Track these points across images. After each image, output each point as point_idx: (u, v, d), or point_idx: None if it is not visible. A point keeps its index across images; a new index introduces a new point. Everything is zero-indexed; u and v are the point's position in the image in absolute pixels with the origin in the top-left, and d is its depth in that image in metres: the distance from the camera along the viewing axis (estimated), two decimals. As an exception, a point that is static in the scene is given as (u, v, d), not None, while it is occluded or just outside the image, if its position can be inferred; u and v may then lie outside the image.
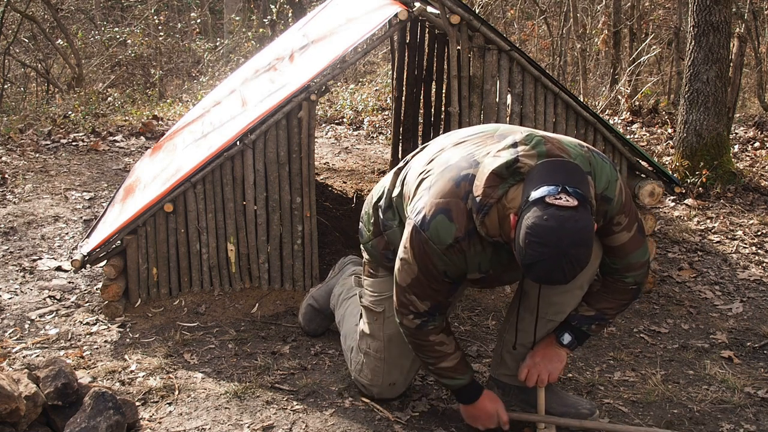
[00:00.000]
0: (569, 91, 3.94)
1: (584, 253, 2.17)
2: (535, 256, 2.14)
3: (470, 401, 2.70)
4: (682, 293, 4.06)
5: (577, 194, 2.16)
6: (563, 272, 2.15)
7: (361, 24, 3.90)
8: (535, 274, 2.19)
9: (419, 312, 2.52)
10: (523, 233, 2.16)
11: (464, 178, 2.35)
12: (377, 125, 7.65)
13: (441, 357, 2.61)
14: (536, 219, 2.13)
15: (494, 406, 2.70)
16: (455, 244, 2.35)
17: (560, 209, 2.13)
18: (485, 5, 8.69)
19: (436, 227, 2.35)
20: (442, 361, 2.61)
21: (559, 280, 2.18)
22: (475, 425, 2.75)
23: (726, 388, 3.15)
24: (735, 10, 6.98)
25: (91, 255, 3.60)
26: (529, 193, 2.19)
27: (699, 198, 5.37)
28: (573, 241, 2.13)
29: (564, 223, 2.12)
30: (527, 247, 2.15)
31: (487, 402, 2.70)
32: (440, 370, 2.64)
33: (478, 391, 2.69)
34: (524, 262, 2.18)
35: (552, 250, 2.12)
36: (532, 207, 2.16)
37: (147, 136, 6.95)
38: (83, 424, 2.50)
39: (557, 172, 2.21)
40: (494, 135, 2.47)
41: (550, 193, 2.15)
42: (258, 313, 3.71)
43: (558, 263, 2.13)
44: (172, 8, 13.07)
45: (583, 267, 2.19)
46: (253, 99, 4.11)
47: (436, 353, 2.60)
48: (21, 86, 10.40)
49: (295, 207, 3.79)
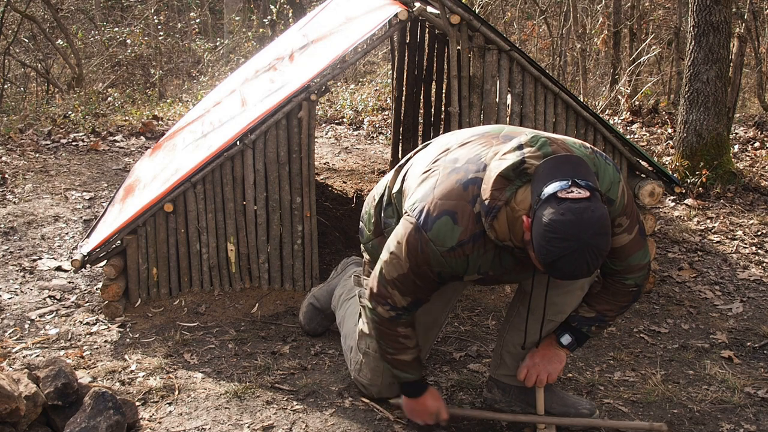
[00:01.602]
0: (569, 91, 3.94)
1: (605, 242, 2.17)
2: (558, 252, 2.12)
3: (415, 396, 2.72)
4: (682, 293, 4.06)
5: (587, 186, 2.16)
6: (587, 264, 2.14)
7: (361, 24, 3.90)
8: (559, 271, 2.17)
9: (396, 306, 2.53)
10: (542, 232, 2.14)
11: (472, 182, 2.34)
12: (377, 125, 7.65)
13: (401, 349, 2.63)
14: (553, 215, 2.12)
15: (435, 404, 2.73)
16: (458, 247, 2.34)
17: (575, 202, 2.12)
18: (485, 5, 8.69)
19: (439, 228, 2.34)
20: (401, 353, 2.63)
21: (583, 273, 2.16)
22: (413, 419, 2.78)
23: (726, 388, 3.15)
24: (735, 10, 6.98)
25: (91, 255, 3.60)
26: (539, 191, 2.18)
27: (699, 198, 5.37)
28: (594, 232, 2.12)
29: (582, 214, 2.11)
30: (548, 244, 2.13)
31: (429, 399, 2.72)
32: (396, 362, 2.66)
33: (424, 387, 2.72)
34: (547, 260, 2.16)
35: (574, 243, 2.11)
36: (545, 205, 2.15)
37: (147, 136, 6.95)
38: (83, 424, 2.50)
39: (564, 167, 2.20)
40: (499, 136, 2.47)
41: (562, 187, 2.15)
42: (258, 313, 3.71)
43: (582, 256, 2.12)
44: (172, 8, 13.07)
45: (604, 256, 2.18)
46: (253, 99, 4.11)
47: (398, 345, 2.62)
48: (21, 86, 10.40)
49: (295, 207, 3.79)
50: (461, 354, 3.38)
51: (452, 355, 3.37)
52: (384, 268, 2.51)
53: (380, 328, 2.61)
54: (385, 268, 2.51)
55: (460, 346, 3.46)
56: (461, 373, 3.22)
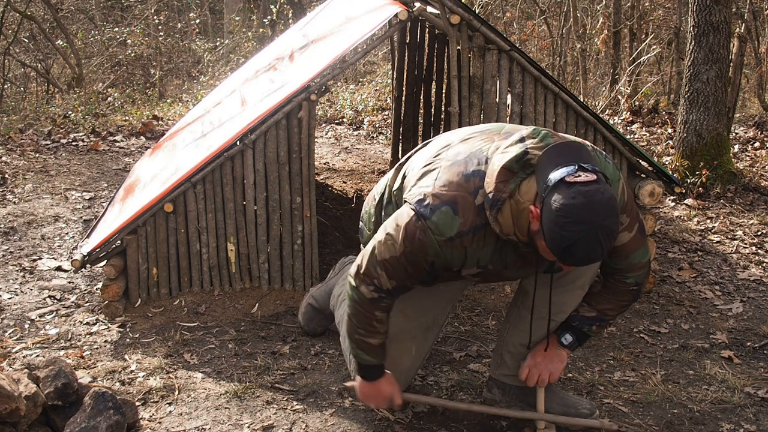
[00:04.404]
0: (569, 91, 3.94)
1: (616, 223, 2.17)
2: (572, 236, 2.11)
3: (371, 379, 2.71)
4: (682, 293, 4.06)
5: (593, 169, 2.17)
6: (601, 246, 2.14)
7: (361, 24, 3.90)
8: (573, 256, 2.15)
9: (381, 287, 2.50)
10: (553, 218, 2.13)
11: (474, 174, 2.34)
12: (377, 125, 7.65)
13: (372, 333, 2.59)
14: (564, 200, 2.11)
15: (390, 389, 2.72)
16: (456, 238, 2.34)
17: (584, 185, 2.12)
18: (485, 5, 8.68)
19: (440, 218, 2.33)
20: (371, 336, 2.60)
21: (597, 256, 2.16)
22: (367, 402, 2.79)
23: (726, 388, 3.15)
24: (735, 10, 6.98)
25: (91, 255, 3.60)
26: (545, 179, 2.17)
27: (699, 198, 5.37)
28: (605, 213, 2.12)
29: (592, 197, 2.11)
30: (562, 229, 2.12)
31: (384, 384, 2.71)
32: (363, 344, 2.62)
33: (382, 372, 2.71)
34: (561, 246, 2.14)
35: (588, 226, 2.10)
36: (554, 191, 2.14)
37: (147, 136, 6.95)
38: (83, 424, 2.50)
39: (567, 153, 2.21)
40: (501, 132, 2.47)
41: (569, 172, 2.14)
42: (258, 313, 3.71)
43: (596, 238, 2.12)
44: (172, 8, 13.06)
45: (615, 238, 2.18)
46: (253, 99, 4.11)
47: (371, 328, 2.58)
48: (21, 86, 10.40)
49: (295, 207, 3.79)
50: (461, 354, 3.38)
51: (452, 355, 3.37)
52: (377, 247, 2.48)
53: (358, 308, 2.57)
54: (377, 248, 2.47)
55: (460, 346, 3.46)
56: (461, 373, 3.22)
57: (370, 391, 2.73)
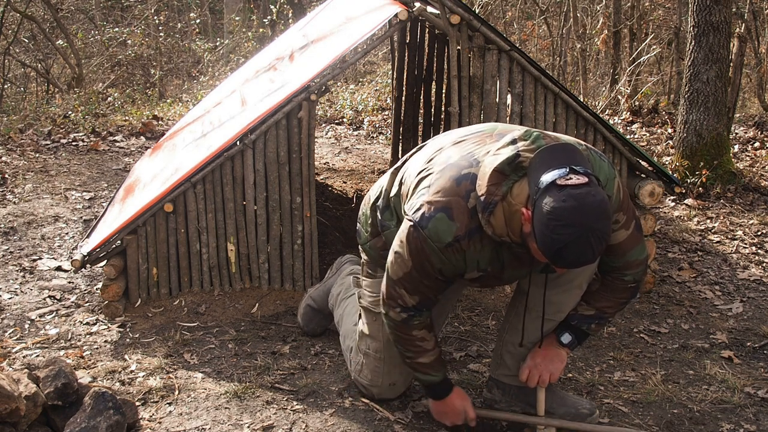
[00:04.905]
0: (569, 91, 3.94)
1: (608, 226, 2.17)
2: (562, 239, 2.11)
3: (441, 397, 2.72)
4: (682, 293, 4.06)
5: (585, 172, 2.17)
6: (592, 249, 2.14)
7: (361, 24, 3.90)
8: (564, 259, 2.16)
9: (407, 306, 2.53)
10: (545, 220, 2.13)
11: (465, 177, 2.35)
12: (377, 125, 7.65)
13: (420, 352, 2.62)
14: (555, 203, 2.12)
15: (462, 404, 2.72)
16: (454, 243, 2.35)
17: (575, 188, 2.12)
18: (485, 5, 8.69)
19: (436, 225, 2.34)
20: (420, 356, 2.63)
21: (588, 259, 2.16)
22: (442, 421, 2.78)
23: (726, 388, 3.15)
24: (735, 10, 6.98)
25: (91, 255, 3.60)
26: (537, 181, 2.17)
27: (699, 198, 5.37)
28: (596, 216, 2.12)
29: (583, 200, 2.11)
30: (552, 232, 2.12)
31: (456, 399, 2.72)
32: (417, 365, 2.65)
33: (449, 388, 2.71)
34: (552, 249, 2.14)
35: (578, 229, 2.10)
36: (545, 193, 2.14)
37: (147, 136, 6.95)
38: (83, 424, 2.50)
39: (559, 155, 2.21)
40: (493, 134, 2.47)
41: (561, 175, 2.14)
42: (258, 313, 3.71)
43: (587, 241, 2.12)
44: (172, 8, 13.06)
45: (607, 241, 2.18)
46: (253, 99, 4.11)
47: (416, 348, 2.62)
48: (21, 86, 10.40)
49: (295, 207, 3.79)
50: (461, 354, 3.38)
51: (452, 355, 3.37)
52: (390, 269, 2.53)
53: (396, 333, 2.62)
54: (390, 269, 2.53)
55: (460, 346, 3.46)
56: (461, 373, 3.22)
57: (443, 408, 2.74)
